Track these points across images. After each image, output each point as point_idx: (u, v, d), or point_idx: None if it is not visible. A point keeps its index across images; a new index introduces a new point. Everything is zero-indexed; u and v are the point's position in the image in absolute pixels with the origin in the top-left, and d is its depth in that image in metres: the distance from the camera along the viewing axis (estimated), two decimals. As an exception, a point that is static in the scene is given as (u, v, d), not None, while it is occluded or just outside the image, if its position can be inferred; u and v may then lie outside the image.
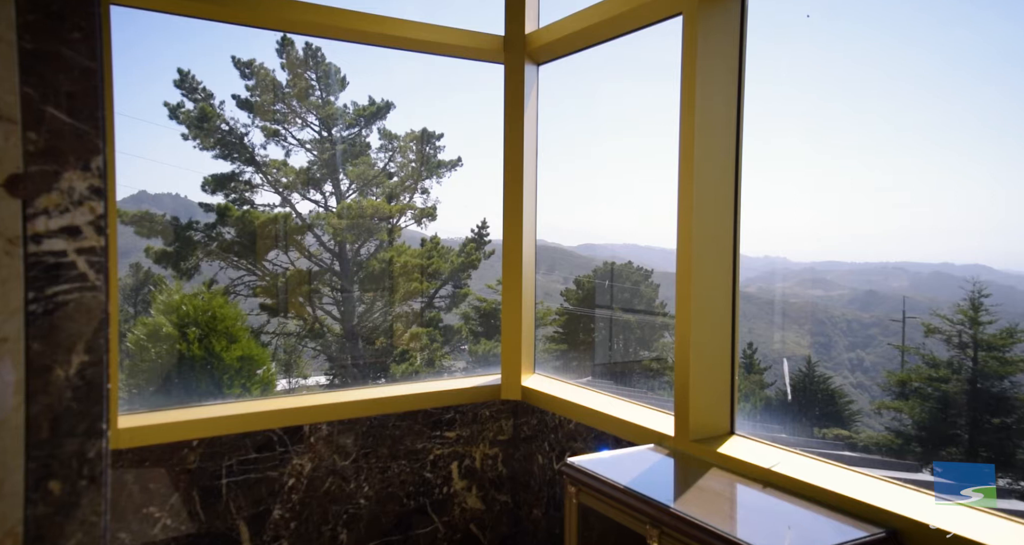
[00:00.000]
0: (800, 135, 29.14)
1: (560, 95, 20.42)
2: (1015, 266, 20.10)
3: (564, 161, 22.97)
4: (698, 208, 2.00)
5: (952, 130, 30.27)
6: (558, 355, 14.45)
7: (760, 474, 1.81)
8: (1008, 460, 11.02)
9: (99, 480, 1.15)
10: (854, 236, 32.33)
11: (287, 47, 10.78)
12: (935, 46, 31.07)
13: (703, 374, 2.04)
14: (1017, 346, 11.94)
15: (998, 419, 11.21)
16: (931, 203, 31.31)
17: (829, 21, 28.31)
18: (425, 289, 12.32)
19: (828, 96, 32.79)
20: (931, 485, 1.88)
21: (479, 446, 2.75)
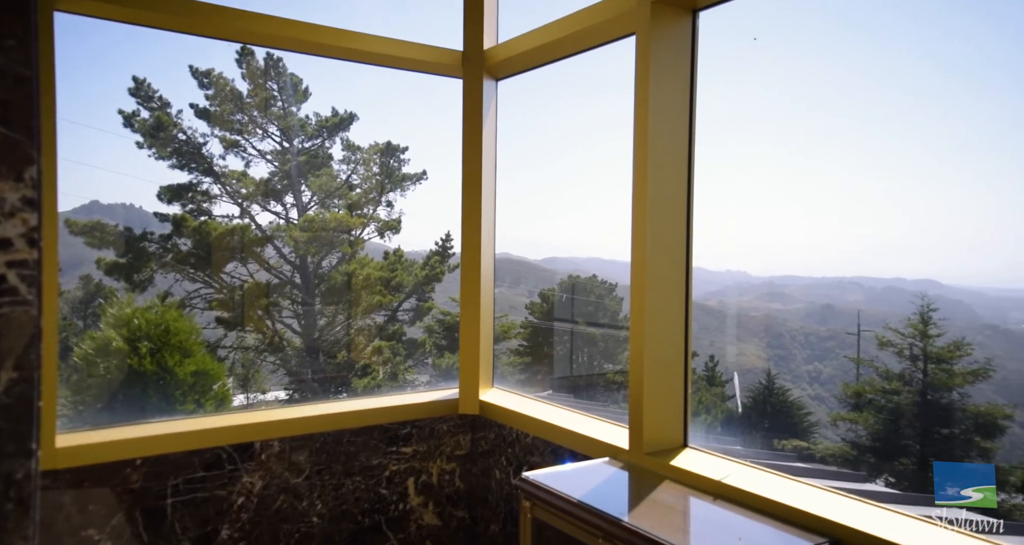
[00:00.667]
0: (760, 153, 29.92)
1: (523, 110, 20.60)
2: (963, 282, 20.75)
3: (528, 175, 23.14)
4: (652, 223, 2.02)
5: (905, 153, 31.38)
6: (522, 368, 14.45)
7: (711, 487, 1.83)
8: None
9: (27, 502, 1.10)
10: (811, 251, 32.89)
11: (247, 57, 10.67)
12: (889, 71, 32.33)
13: (657, 387, 2.06)
14: (964, 359, 12.36)
15: (947, 430, 11.58)
16: (885, 221, 32.38)
17: (782, 43, 29.10)
18: (388, 302, 12.22)
19: (785, 117, 33.75)
20: (878, 495, 1.92)
21: (436, 461, 2.73)
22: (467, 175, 2.73)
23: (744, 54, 21.52)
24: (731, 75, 22.09)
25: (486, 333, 2.84)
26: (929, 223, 36.75)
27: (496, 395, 2.80)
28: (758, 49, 18.24)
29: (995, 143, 33.69)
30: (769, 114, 33.36)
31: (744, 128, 29.08)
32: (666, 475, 1.96)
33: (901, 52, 32.76)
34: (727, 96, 21.61)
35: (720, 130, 35.06)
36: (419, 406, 2.70)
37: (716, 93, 21.99)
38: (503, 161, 2.86)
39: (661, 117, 2.01)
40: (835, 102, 40.18)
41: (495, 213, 2.86)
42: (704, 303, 22.30)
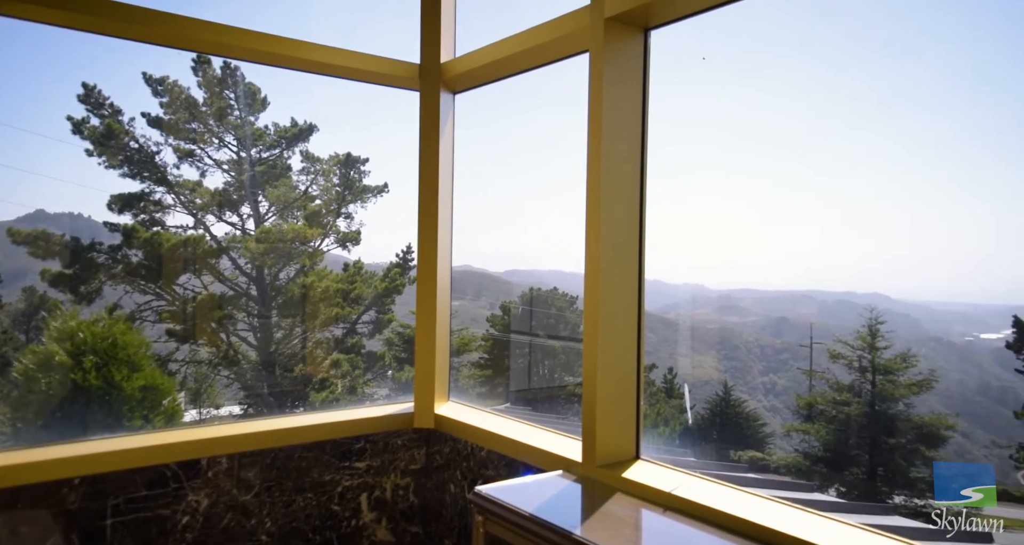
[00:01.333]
0: (716, 168, 30.62)
1: (484, 122, 20.76)
2: (910, 296, 21.46)
3: (491, 188, 23.22)
4: (605, 236, 2.05)
5: (856, 170, 32.48)
6: (483, 381, 14.39)
7: (662, 498, 1.85)
8: (903, 479, 11.70)
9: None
10: (766, 264, 33.74)
11: (203, 65, 10.49)
12: (837, 89, 33.41)
13: (610, 400, 2.08)
14: (910, 370, 12.77)
15: (893, 439, 11.93)
16: (836, 235, 33.32)
17: (739, 61, 29.97)
18: (347, 315, 12.07)
19: (737, 133, 34.68)
20: (824, 504, 1.96)
21: (390, 476, 2.69)
22: (424, 188, 2.72)
23: (695, 72, 22.06)
24: (684, 92, 22.58)
25: (442, 346, 2.82)
26: (878, 238, 38.06)
27: (452, 408, 2.79)
28: (708, 67, 18.70)
29: (940, 163, 35.16)
30: (722, 131, 34.27)
31: (700, 144, 29.78)
32: (618, 487, 1.97)
33: (848, 71, 34.09)
34: (680, 113, 22.09)
35: (676, 145, 35.91)
36: (373, 420, 2.66)
37: (669, 109, 22.41)
38: (464, 173, 2.87)
39: (614, 132, 2.05)
40: (786, 119, 41.57)
41: (452, 225, 2.86)
42: (663, 316, 22.61)
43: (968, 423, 14.16)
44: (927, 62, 35.54)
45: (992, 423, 14.43)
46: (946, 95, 30.76)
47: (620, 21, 2.02)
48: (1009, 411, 12.96)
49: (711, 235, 36.70)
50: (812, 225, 38.15)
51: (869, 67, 36.43)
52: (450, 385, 2.92)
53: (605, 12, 2.00)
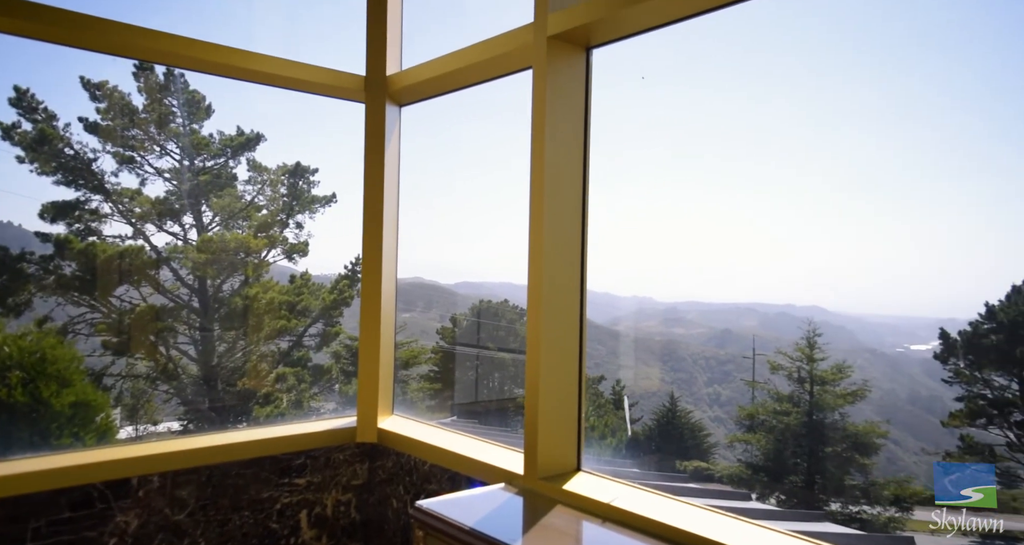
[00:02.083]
0: (663, 184, 31.16)
1: (436, 135, 20.77)
2: (846, 308, 22.42)
3: (443, 200, 23.15)
4: (547, 249, 2.08)
5: (795, 189, 33.55)
6: (432, 394, 14.27)
7: (601, 509, 1.87)
8: (838, 486, 12.11)
9: None
10: (711, 278, 34.61)
11: (145, 71, 10.19)
12: (779, 107, 34.52)
13: (551, 412, 2.10)
14: (845, 380, 13.26)
15: (830, 448, 12.35)
16: (777, 250, 34.34)
17: (680, 77, 30.76)
18: (293, 327, 11.82)
19: (681, 151, 35.48)
20: (757, 512, 2.01)
21: (331, 492, 2.64)
22: (369, 200, 2.71)
23: (642, 89, 22.67)
24: (631, 108, 23.04)
25: (386, 359, 2.80)
26: (817, 252, 39.59)
27: (395, 422, 2.76)
28: (648, 86, 19.30)
29: (874, 185, 36.76)
30: (669, 149, 35.05)
31: (650, 161, 30.39)
32: (559, 499, 1.99)
33: (788, 92, 35.38)
34: (628, 130, 22.57)
35: (625, 162, 36.56)
36: (314, 435, 2.62)
37: (617, 126, 22.97)
38: (415, 186, 2.87)
39: (556, 147, 2.08)
40: (728, 138, 42.81)
41: (398, 238, 2.85)
42: (611, 328, 22.97)
43: (899, 431, 14.79)
44: (866, 81, 37.15)
45: (921, 431, 15.09)
46: (880, 121, 32.23)
47: (562, 39, 2.07)
48: (936, 419, 13.57)
49: (658, 249, 37.49)
50: (755, 239, 39.37)
51: (812, 89, 37.88)
52: (394, 399, 2.90)
53: (548, 30, 2.04)
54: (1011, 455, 14.28)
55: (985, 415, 14.68)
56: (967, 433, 14.67)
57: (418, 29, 2.97)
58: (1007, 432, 14.73)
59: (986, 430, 14.43)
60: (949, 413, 14.79)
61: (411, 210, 2.94)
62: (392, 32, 2.68)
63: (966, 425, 14.57)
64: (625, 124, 19.58)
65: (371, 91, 2.66)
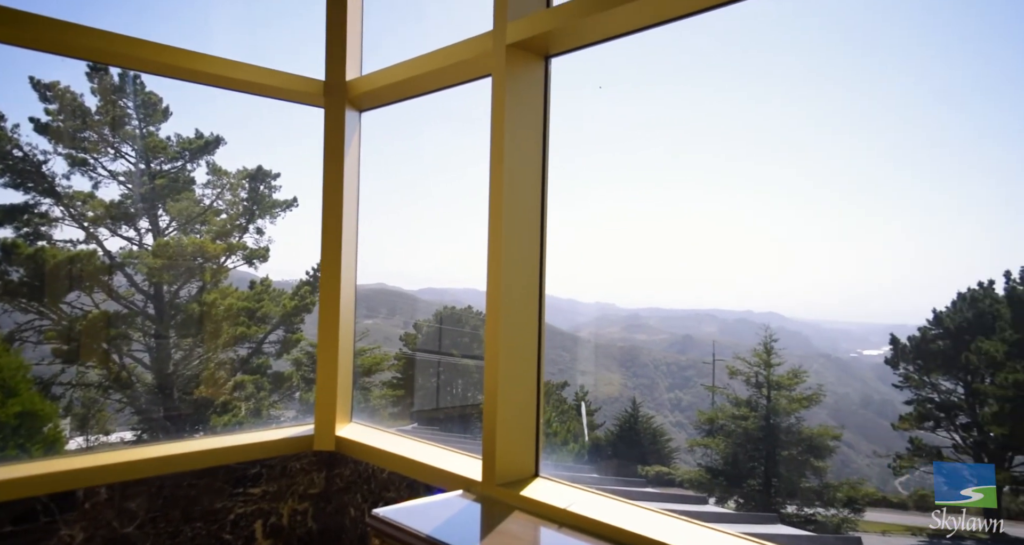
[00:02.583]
0: (632, 191, 31.54)
1: (402, 141, 20.65)
2: (802, 314, 23.16)
3: (409, 207, 23.02)
4: (506, 256, 2.09)
5: (751, 197, 34.36)
6: (395, 401, 14.14)
7: (557, 515, 1.88)
8: (794, 489, 12.38)
9: None
10: (673, 284, 35.52)
11: (99, 72, 9.91)
12: (736, 116, 35.25)
13: (510, 418, 2.11)
14: (801, 385, 13.58)
15: (786, 451, 12.62)
16: (735, 256, 35.02)
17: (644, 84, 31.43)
18: (253, 334, 11.60)
19: (641, 160, 36.20)
20: (710, 516, 2.05)
21: (287, 501, 2.60)
22: (328, 205, 2.69)
23: (606, 98, 23.04)
24: (594, 118, 23.32)
25: (345, 366, 2.77)
26: (774, 259, 40.37)
27: (354, 430, 2.74)
28: (611, 94, 19.59)
29: (827, 194, 37.70)
30: (633, 158, 35.58)
31: (615, 169, 30.73)
32: (516, 505, 1.99)
33: (750, 101, 36.16)
34: (594, 138, 22.82)
35: (591, 171, 37.00)
36: (271, 444, 2.57)
37: (580, 135, 23.44)
38: (380, 192, 2.85)
39: (516, 155, 2.10)
40: (686, 145, 43.51)
41: (357, 244, 2.83)
42: (575, 334, 23.15)
43: (852, 434, 15.21)
44: (814, 98, 38.14)
45: (873, 434, 15.54)
46: (837, 133, 33.07)
47: (521, 48, 2.09)
48: (888, 422, 13.99)
49: (622, 256, 37.92)
50: (715, 247, 40.03)
51: (772, 102, 38.75)
52: (354, 406, 2.87)
53: (507, 39, 2.06)
54: (957, 457, 14.79)
55: (933, 418, 15.17)
56: (916, 436, 15.14)
57: (380, 35, 2.97)
58: (953, 434, 15.25)
59: (934, 433, 14.92)
60: (899, 416, 15.24)
61: (375, 216, 2.92)
62: (352, 37, 2.67)
63: (915, 428, 15.04)
64: (589, 132, 19.83)
65: (330, 96, 2.64)
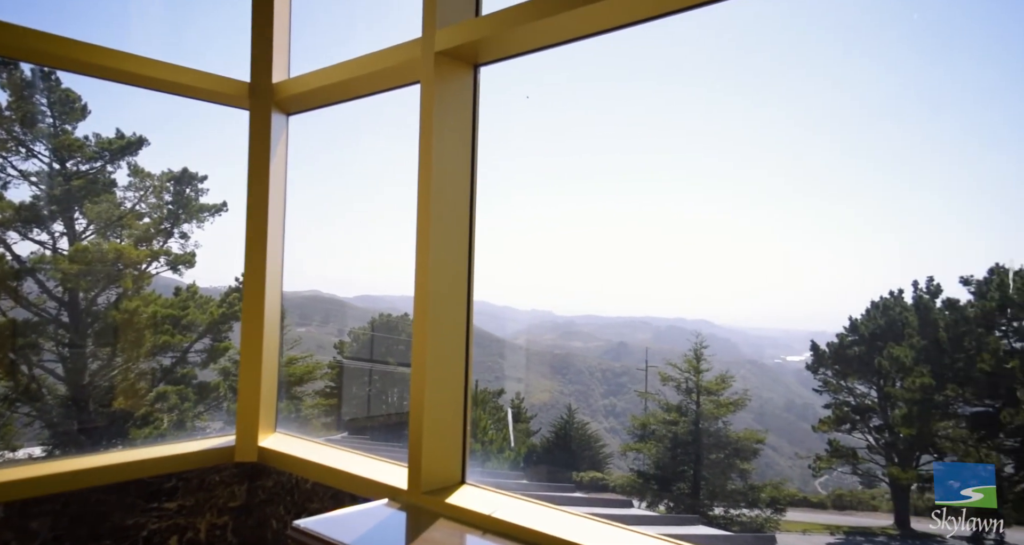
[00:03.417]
0: (568, 198, 32.10)
1: (339, 147, 20.33)
2: (730, 322, 24.06)
3: (347, 213, 22.58)
4: (434, 261, 2.09)
5: (683, 207, 35.56)
6: (328, 410, 13.83)
7: (482, 522, 1.89)
8: (721, 491, 12.78)
9: None
10: (608, 292, 36.34)
11: (9, 67, 9.36)
12: (666, 128, 36.38)
13: (436, 425, 2.10)
14: (728, 390, 14.04)
15: (714, 455, 13.01)
16: (670, 264, 36.17)
17: (581, 94, 32.29)
18: (177, 342, 11.14)
19: (573, 169, 37.14)
20: (630, 518, 2.10)
21: (205, 515, 2.51)
22: (252, 210, 2.62)
23: (541, 108, 23.50)
24: (523, 127, 23.67)
25: (269, 375, 2.70)
26: (705, 268, 41.65)
27: (278, 440, 2.67)
28: (548, 102, 19.99)
29: (752, 205, 39.18)
30: (569, 168, 36.19)
31: (548, 178, 31.10)
32: (441, 513, 1.99)
33: (678, 109, 37.29)
34: (527, 147, 23.12)
35: (527, 179, 37.40)
36: (188, 456, 2.48)
37: (515, 145, 23.86)
38: (316, 198, 2.80)
39: (444, 162, 2.11)
40: (625, 156, 44.62)
41: (283, 250, 2.77)
42: (512, 341, 23.21)
43: (776, 437, 15.82)
44: (738, 102, 39.59)
45: (795, 436, 16.21)
46: (759, 146, 34.49)
47: (450, 56, 2.10)
48: (808, 425, 14.62)
49: (558, 263, 38.41)
50: (649, 254, 41.01)
51: (700, 109, 40.04)
52: (278, 415, 2.80)
53: (436, 46, 2.06)
54: (870, 457, 15.59)
55: (849, 420, 15.96)
56: (834, 437, 15.89)
57: (309, 38, 2.92)
58: (867, 436, 16.08)
59: (850, 434, 15.70)
60: (819, 419, 15.98)
61: (309, 222, 2.87)
62: (279, 38, 2.62)
63: (833, 430, 15.79)
64: (525, 140, 20.08)
65: (256, 98, 2.58)
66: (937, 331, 14.78)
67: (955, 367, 14.26)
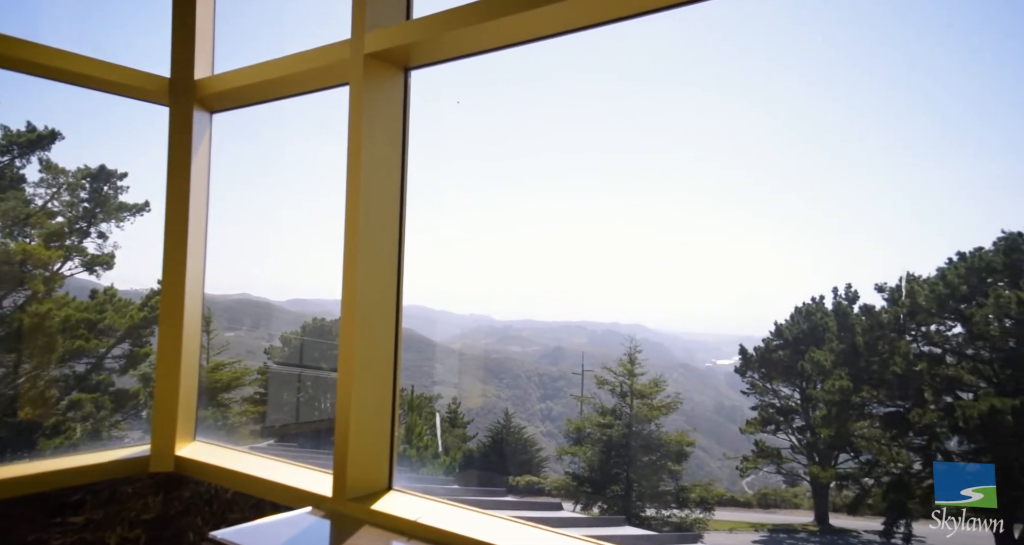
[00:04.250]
0: (501, 204, 32.41)
1: (267, 148, 19.80)
2: (663, 326, 24.88)
3: (282, 214, 22.00)
4: (362, 266, 2.06)
5: (615, 211, 36.48)
6: (257, 417, 13.40)
7: (408, 527, 1.87)
8: (653, 492, 13.07)
9: None
10: (546, 296, 36.97)
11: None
12: (600, 132, 37.29)
13: (363, 431, 2.07)
14: (661, 393, 14.38)
15: (647, 457, 13.30)
16: (606, 269, 37.04)
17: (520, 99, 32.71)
18: (93, 348, 10.58)
19: (507, 174, 37.75)
20: (564, 521, 2.11)
21: (116, 529, 2.39)
22: (172, 210, 2.52)
23: (467, 111, 23.71)
24: (453, 133, 23.80)
25: (188, 381, 2.60)
26: (639, 272, 42.60)
27: (197, 449, 2.57)
28: (470, 108, 20.19)
29: (685, 212, 40.32)
30: (502, 171, 36.54)
31: (487, 184, 31.32)
32: (366, 520, 1.96)
33: (614, 119, 38.15)
34: (462, 153, 23.20)
35: (465, 185, 37.61)
36: (98, 467, 2.35)
37: (449, 150, 24.01)
38: (247, 200, 2.72)
39: (373, 165, 2.08)
40: (559, 161, 45.12)
41: (206, 251, 2.68)
42: (449, 346, 23.08)
43: (706, 439, 16.33)
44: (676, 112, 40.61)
45: (724, 438, 16.77)
46: (688, 156, 35.53)
47: (380, 58, 2.08)
48: (736, 426, 15.16)
49: (497, 268, 38.59)
50: (586, 259, 41.70)
51: (634, 118, 40.97)
52: (198, 423, 2.70)
53: (365, 48, 2.04)
54: (793, 457, 16.28)
55: (774, 422, 16.63)
56: (760, 438, 16.54)
57: (236, 35, 2.84)
58: (791, 436, 16.80)
59: (775, 435, 16.36)
60: (746, 421, 16.59)
61: (239, 224, 2.78)
62: (202, 33, 2.53)
63: (759, 431, 16.42)
64: (464, 146, 20.12)
65: (176, 95, 2.49)
66: (855, 336, 15.58)
67: (870, 370, 15.06)
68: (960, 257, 14.83)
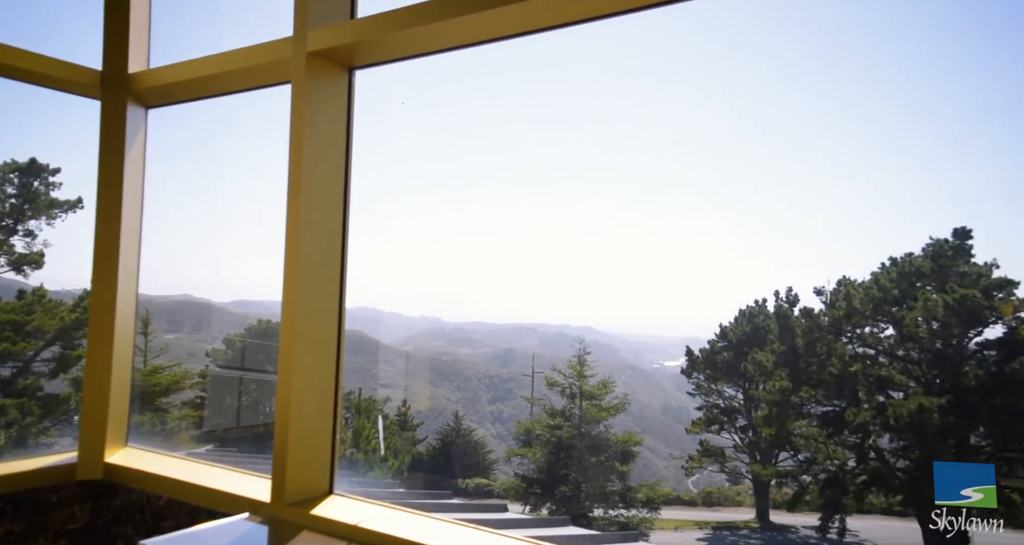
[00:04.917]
0: (452, 206, 32.39)
1: (209, 146, 19.26)
2: (612, 328, 25.28)
3: (218, 214, 21.43)
4: (303, 267, 2.02)
5: (565, 215, 37.00)
6: (198, 422, 12.99)
7: (348, 532, 1.84)
8: (601, 493, 13.22)
9: None
10: (497, 298, 37.13)
11: None
12: (551, 135, 37.73)
13: (303, 434, 2.03)
14: (609, 395, 14.57)
15: (595, 458, 13.45)
16: (556, 271, 37.47)
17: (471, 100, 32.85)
18: (19, 351, 10.08)
19: (455, 175, 37.88)
20: (507, 522, 2.12)
21: (39, 541, 2.28)
22: (103, 207, 2.43)
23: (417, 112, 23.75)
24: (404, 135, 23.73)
25: (120, 385, 2.51)
26: (589, 275, 43.20)
27: (128, 455, 2.47)
28: (419, 108, 20.22)
29: (630, 216, 41.05)
30: (453, 173, 36.63)
31: (437, 186, 31.26)
32: (305, 525, 1.92)
33: (561, 122, 38.63)
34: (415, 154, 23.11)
35: (416, 186, 37.52)
36: (19, 476, 2.25)
37: (398, 150, 23.95)
38: (189, 199, 2.63)
39: (314, 165, 2.05)
40: (509, 162, 45.44)
41: (140, 251, 2.59)
42: (400, 348, 22.83)
43: (653, 439, 16.61)
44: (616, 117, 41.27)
45: (671, 438, 17.11)
46: (630, 161, 36.29)
47: (323, 57, 2.05)
48: (682, 427, 15.49)
49: (447, 270, 38.61)
50: (536, 261, 42.06)
51: (577, 125, 41.58)
52: (129, 429, 2.60)
53: (308, 47, 2.01)
54: (736, 456, 16.73)
55: (718, 422, 17.06)
56: (705, 438, 16.93)
57: (177, 28, 2.76)
58: (734, 435, 17.25)
59: (719, 435, 16.78)
60: (692, 421, 16.96)
61: (181, 223, 2.69)
62: (137, 25, 2.45)
63: (704, 431, 16.82)
64: (417, 147, 20.03)
65: (108, 88, 2.40)
66: (794, 337, 16.10)
67: (809, 370, 15.59)
68: (892, 262, 15.50)
